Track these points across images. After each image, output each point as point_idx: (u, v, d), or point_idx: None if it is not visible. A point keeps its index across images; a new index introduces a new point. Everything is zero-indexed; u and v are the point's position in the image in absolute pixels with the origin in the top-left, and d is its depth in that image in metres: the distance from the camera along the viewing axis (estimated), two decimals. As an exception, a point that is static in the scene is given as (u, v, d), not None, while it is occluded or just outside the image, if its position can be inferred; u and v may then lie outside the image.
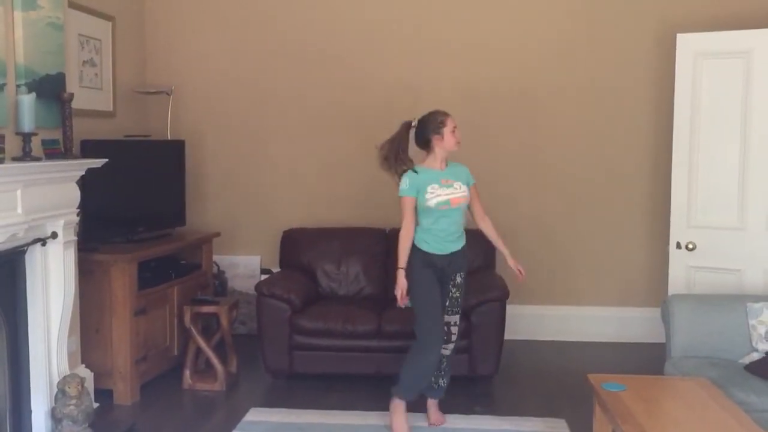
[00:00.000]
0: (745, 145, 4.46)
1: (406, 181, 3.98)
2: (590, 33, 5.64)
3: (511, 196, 5.75)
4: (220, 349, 4.87)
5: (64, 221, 3.88)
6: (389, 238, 5.22)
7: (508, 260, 4.20)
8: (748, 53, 4.43)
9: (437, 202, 3.95)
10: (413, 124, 4.09)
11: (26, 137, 3.70)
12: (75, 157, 4.09)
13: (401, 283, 3.95)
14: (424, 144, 4.06)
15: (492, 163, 5.72)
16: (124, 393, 4.47)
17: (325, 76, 5.80)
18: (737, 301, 4.06)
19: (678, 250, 4.61)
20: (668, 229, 4.68)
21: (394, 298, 4.01)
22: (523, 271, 4.17)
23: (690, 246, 4.56)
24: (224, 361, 4.83)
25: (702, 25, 4.93)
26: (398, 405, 4.04)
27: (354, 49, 5.77)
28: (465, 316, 4.63)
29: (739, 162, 4.48)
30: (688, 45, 4.58)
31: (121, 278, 4.40)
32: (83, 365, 4.31)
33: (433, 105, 5.33)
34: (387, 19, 5.76)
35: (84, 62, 4.87)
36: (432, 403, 4.21)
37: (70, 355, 4.07)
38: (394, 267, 4.04)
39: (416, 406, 4.17)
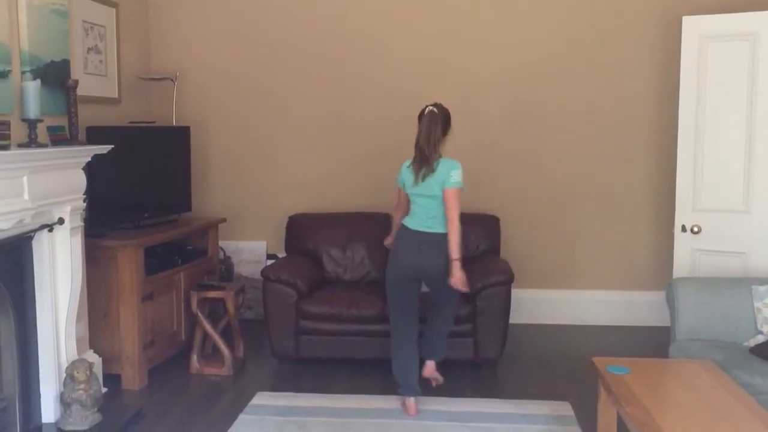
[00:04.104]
0: (750, 128, 4.45)
1: (461, 173, 4.02)
2: (595, 16, 5.60)
3: (515, 181, 5.75)
4: (226, 334, 4.90)
5: (71, 207, 3.89)
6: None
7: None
8: (754, 35, 4.41)
9: None
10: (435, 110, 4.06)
11: (31, 124, 3.72)
12: (81, 144, 4.10)
13: (463, 275, 4.01)
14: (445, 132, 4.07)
15: (496, 148, 5.72)
16: (132, 378, 4.50)
17: (331, 62, 5.79)
18: (742, 283, 4.05)
19: (683, 234, 4.61)
20: (673, 213, 4.68)
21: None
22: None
23: (695, 229, 4.56)
24: (231, 345, 4.86)
25: (707, 7, 4.90)
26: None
27: (359, 37, 5.75)
28: (470, 299, 4.65)
29: (745, 145, 4.47)
30: (694, 27, 4.55)
31: (127, 264, 4.43)
32: (91, 350, 4.34)
33: (438, 89, 5.37)
34: (391, 8, 5.74)
35: (89, 49, 4.87)
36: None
37: (79, 340, 4.09)
38: (450, 258, 4.00)
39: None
